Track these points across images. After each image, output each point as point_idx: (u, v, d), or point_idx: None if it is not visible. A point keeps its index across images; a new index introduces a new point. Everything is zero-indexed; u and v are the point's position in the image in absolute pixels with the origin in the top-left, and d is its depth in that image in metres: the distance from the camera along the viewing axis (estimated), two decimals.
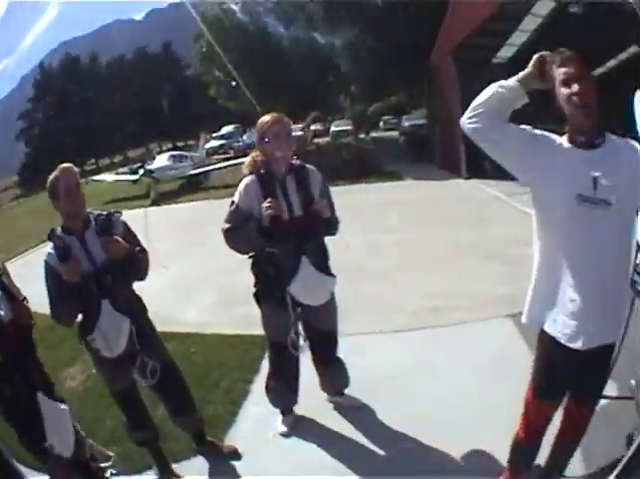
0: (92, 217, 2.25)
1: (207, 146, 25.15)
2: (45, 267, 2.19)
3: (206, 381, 3.04)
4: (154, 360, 2.38)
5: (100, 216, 2.24)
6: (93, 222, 2.24)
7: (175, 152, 22.30)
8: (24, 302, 2.07)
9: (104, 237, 2.19)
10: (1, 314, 1.95)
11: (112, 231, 2.22)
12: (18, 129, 24.19)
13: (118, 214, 2.32)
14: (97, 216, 2.25)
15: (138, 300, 2.39)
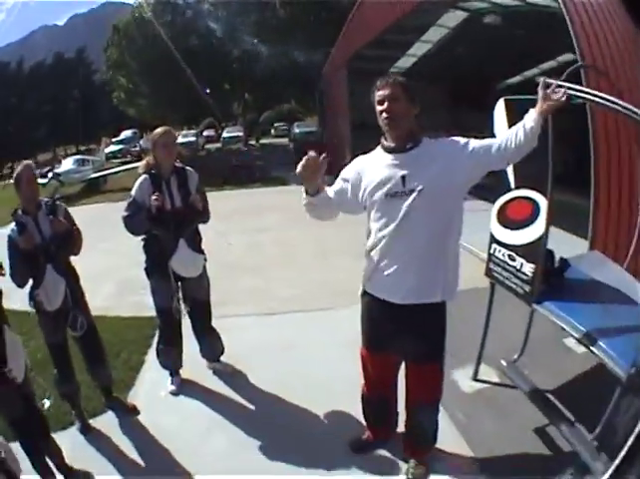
0: (42, 202, 2.78)
1: (107, 150, 24.84)
2: (7, 240, 2.69)
3: (110, 353, 3.41)
4: (81, 317, 2.92)
5: (48, 201, 2.80)
6: (43, 206, 2.77)
7: (79, 156, 21.29)
8: None
9: (51, 217, 2.74)
10: None
11: (57, 213, 2.79)
12: None
13: (61, 200, 2.92)
14: (46, 201, 2.80)
15: (73, 270, 2.93)
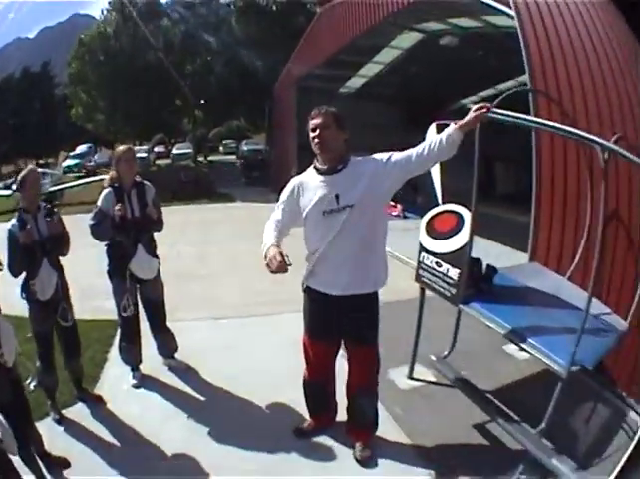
0: (41, 205, 3.15)
1: (64, 164, 24.75)
2: (8, 233, 3.00)
3: None
4: (69, 309, 3.28)
5: (46, 205, 3.18)
6: (42, 208, 3.13)
7: (39, 169, 20.39)
8: None
9: (48, 219, 3.12)
10: None
11: (53, 216, 3.15)
12: None
13: (55, 206, 3.25)
14: (44, 205, 3.16)
15: (61, 267, 3.25)
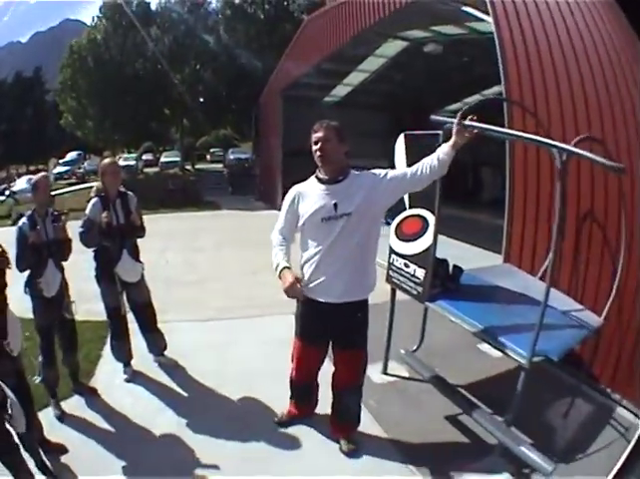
0: (49, 210, 3.37)
1: (55, 171, 25.15)
2: (18, 231, 3.20)
3: None
4: (72, 303, 3.53)
5: (54, 211, 3.40)
6: (50, 214, 3.35)
7: (31, 176, 20.31)
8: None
9: (55, 223, 3.34)
10: None
11: (60, 221, 3.37)
12: None
13: (64, 213, 3.48)
14: (52, 211, 3.39)
15: (63, 267, 3.46)
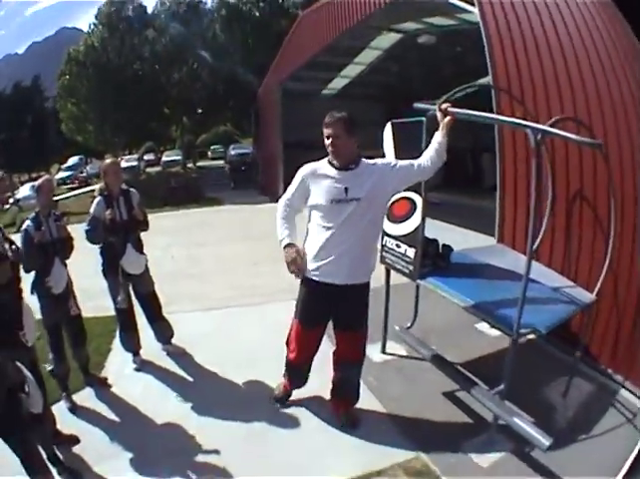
0: (52, 211, 3.50)
1: (57, 176, 25.13)
2: (24, 233, 3.30)
3: None
4: (75, 300, 3.65)
5: (56, 212, 3.54)
6: (52, 214, 3.48)
7: (34, 182, 20.45)
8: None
9: (58, 223, 3.47)
10: (10, 255, 2.82)
11: (62, 221, 3.52)
12: None
13: (64, 213, 3.61)
14: (54, 212, 3.52)
15: (67, 266, 3.58)
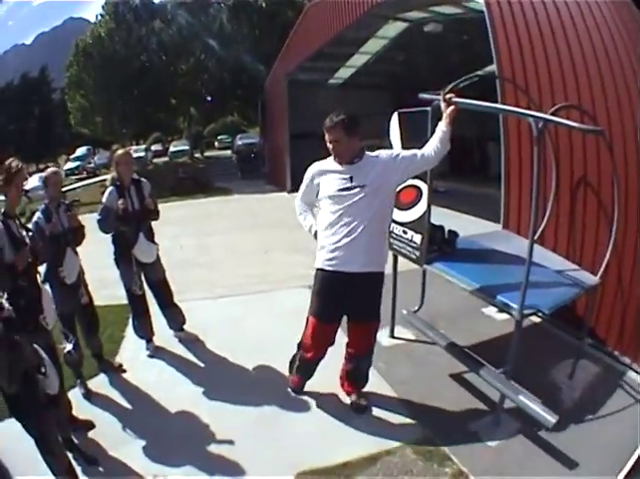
0: (62, 201, 3.50)
1: (66, 167, 25.44)
2: (35, 226, 3.28)
3: None
4: (87, 288, 3.72)
5: (66, 202, 3.51)
6: (62, 204, 3.48)
7: (43, 173, 20.60)
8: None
9: (69, 213, 3.47)
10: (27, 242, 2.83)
11: (72, 210, 3.49)
12: None
13: (75, 202, 3.59)
14: (64, 201, 3.51)
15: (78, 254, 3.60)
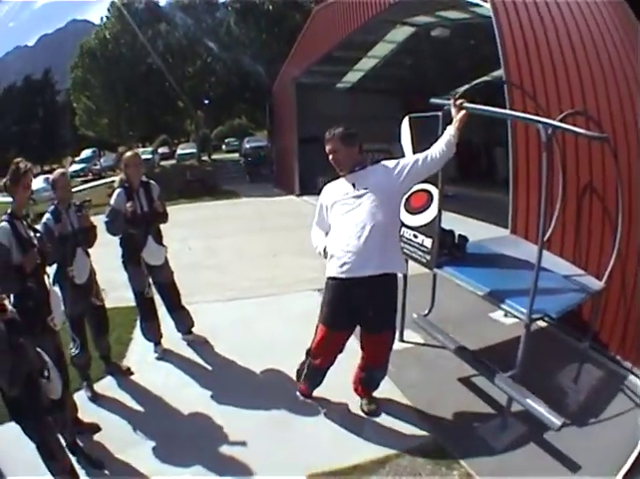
0: (72, 202, 3.46)
1: (71, 169, 25.38)
2: (44, 227, 3.25)
3: None
4: (103, 290, 3.71)
5: (76, 202, 3.48)
6: (73, 205, 3.45)
7: (48, 175, 20.95)
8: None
9: (79, 213, 3.44)
10: (36, 243, 2.85)
11: (83, 211, 3.46)
12: None
13: (86, 203, 3.55)
14: (75, 202, 3.47)
15: (90, 255, 3.58)
